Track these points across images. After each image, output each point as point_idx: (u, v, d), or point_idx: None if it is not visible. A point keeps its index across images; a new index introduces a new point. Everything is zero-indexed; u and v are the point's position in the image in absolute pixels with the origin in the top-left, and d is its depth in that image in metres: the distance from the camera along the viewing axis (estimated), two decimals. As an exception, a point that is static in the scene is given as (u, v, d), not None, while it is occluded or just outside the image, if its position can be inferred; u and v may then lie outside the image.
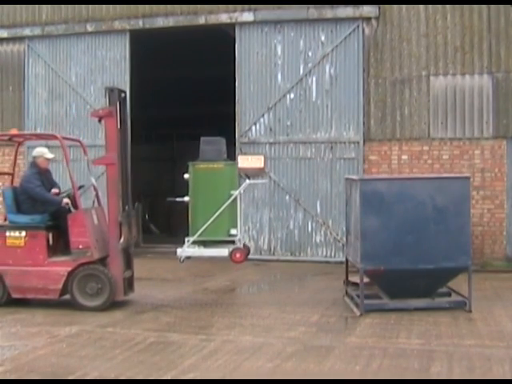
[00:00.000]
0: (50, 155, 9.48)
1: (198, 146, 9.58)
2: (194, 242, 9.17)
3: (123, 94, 9.31)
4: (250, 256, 13.54)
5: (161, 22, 14.03)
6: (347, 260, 9.83)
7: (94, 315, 8.53)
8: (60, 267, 8.88)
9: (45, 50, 14.91)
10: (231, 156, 9.32)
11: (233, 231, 9.10)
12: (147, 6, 14.10)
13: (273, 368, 6.35)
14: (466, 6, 12.61)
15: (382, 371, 6.24)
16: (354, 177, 10.20)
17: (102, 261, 9.02)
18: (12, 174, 10.10)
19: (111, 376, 6.11)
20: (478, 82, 12.63)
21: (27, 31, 14.87)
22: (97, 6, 14.42)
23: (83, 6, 14.49)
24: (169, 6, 13.96)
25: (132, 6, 14.19)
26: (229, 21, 13.71)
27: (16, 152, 10.20)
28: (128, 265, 9.21)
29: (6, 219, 9.53)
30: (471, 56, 12.65)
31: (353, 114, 13.20)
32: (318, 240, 13.40)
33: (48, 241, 9.01)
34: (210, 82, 17.51)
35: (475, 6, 12.56)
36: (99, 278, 8.78)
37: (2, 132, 10.67)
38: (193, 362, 6.54)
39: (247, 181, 9.27)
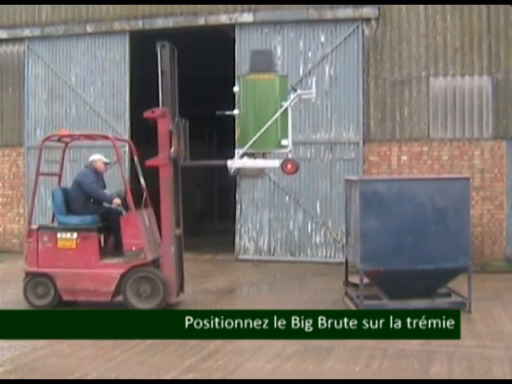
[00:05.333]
0: (106, 160, 9.72)
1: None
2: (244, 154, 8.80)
3: (175, 51, 9.15)
4: (249, 257, 13.69)
5: (160, 23, 14.03)
6: (347, 261, 9.82)
7: (93, 316, 8.53)
8: (112, 269, 8.80)
9: (44, 51, 14.92)
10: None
11: (284, 142, 8.62)
12: (147, 7, 14.11)
13: (273, 368, 6.36)
14: (465, 7, 12.62)
15: (382, 372, 6.25)
16: (354, 177, 10.21)
17: (153, 263, 8.97)
18: (59, 175, 10.04)
19: (111, 376, 6.12)
20: (478, 83, 12.63)
21: (27, 32, 14.88)
22: (96, 7, 14.42)
23: (83, 7, 14.50)
24: (168, 7, 13.96)
25: (132, 7, 14.20)
26: (228, 21, 13.71)
27: (63, 153, 10.02)
28: (177, 223, 9.06)
29: (53, 220, 9.50)
30: (471, 57, 12.65)
31: (352, 114, 13.20)
32: (317, 241, 13.40)
33: (100, 242, 8.96)
34: (210, 82, 17.52)
35: (475, 7, 12.57)
36: (153, 281, 8.71)
37: (51, 133, 10.56)
38: (192, 362, 6.55)
39: (298, 91, 8.93)
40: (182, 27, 13.94)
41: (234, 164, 8.84)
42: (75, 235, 8.85)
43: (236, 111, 8.91)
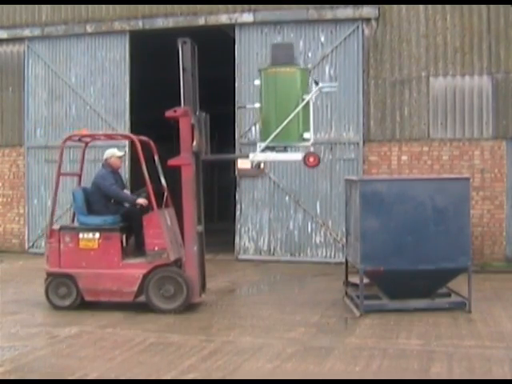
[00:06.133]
0: (120, 153, 9.53)
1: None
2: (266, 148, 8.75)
3: (196, 48, 9.10)
4: (249, 257, 13.69)
5: (160, 23, 14.03)
6: (347, 261, 9.82)
7: (93, 316, 8.54)
8: (135, 269, 8.72)
9: (44, 51, 14.91)
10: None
11: (306, 135, 8.60)
12: (147, 7, 14.10)
13: (273, 369, 6.35)
14: (465, 7, 12.62)
15: (382, 372, 6.24)
16: (354, 177, 10.20)
17: (175, 263, 8.92)
18: (79, 175, 9.90)
19: (111, 376, 6.11)
20: (478, 83, 12.63)
21: (27, 32, 14.87)
22: (96, 7, 14.42)
23: (83, 7, 14.49)
24: (168, 7, 13.96)
25: (132, 7, 14.19)
26: (228, 21, 13.71)
27: (83, 153, 9.87)
28: (199, 219, 8.99)
29: (73, 220, 9.43)
30: (471, 57, 12.65)
31: (352, 114, 13.19)
32: (317, 241, 13.40)
33: (122, 242, 8.90)
34: (210, 82, 17.49)
35: (475, 7, 12.57)
36: (175, 281, 8.64)
37: (73, 133, 10.45)
38: (192, 362, 6.55)
39: (320, 84, 8.85)
40: (182, 27, 13.91)
41: (256, 157, 8.83)
42: (97, 235, 8.77)
43: (257, 104, 8.90)
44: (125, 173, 13.78)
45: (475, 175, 12.52)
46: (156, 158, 9.59)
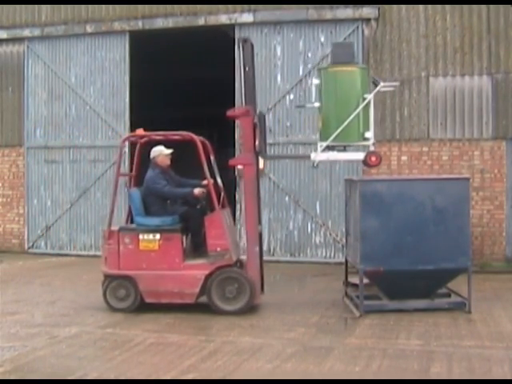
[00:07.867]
0: (167, 151, 9.33)
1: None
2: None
3: (253, 46, 9.08)
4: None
5: (160, 23, 14.02)
6: (347, 261, 9.83)
7: (93, 316, 8.54)
8: (197, 270, 8.59)
9: (44, 51, 14.91)
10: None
11: (367, 134, 8.61)
12: (147, 7, 14.10)
13: (272, 369, 6.35)
14: (465, 7, 12.62)
15: (382, 372, 6.24)
16: (354, 178, 10.21)
17: (235, 263, 8.85)
18: (135, 176, 9.72)
19: (111, 376, 6.11)
20: (478, 83, 12.63)
21: (27, 32, 14.86)
22: (96, 7, 14.41)
23: (83, 7, 14.49)
24: (168, 7, 13.96)
25: (131, 7, 14.19)
26: (228, 22, 13.70)
27: (139, 152, 9.67)
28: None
29: (127, 221, 9.31)
30: (471, 57, 12.65)
31: (352, 114, 13.17)
32: (317, 241, 13.39)
33: (182, 243, 8.80)
34: (210, 82, 17.51)
35: (475, 7, 12.57)
36: (239, 282, 8.55)
37: (130, 133, 10.22)
38: (192, 362, 6.55)
39: (381, 83, 8.84)
40: (182, 27, 13.93)
41: (317, 157, 8.79)
42: (158, 236, 8.64)
43: (317, 104, 8.87)
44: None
45: (475, 175, 12.51)
46: (212, 158, 9.43)
